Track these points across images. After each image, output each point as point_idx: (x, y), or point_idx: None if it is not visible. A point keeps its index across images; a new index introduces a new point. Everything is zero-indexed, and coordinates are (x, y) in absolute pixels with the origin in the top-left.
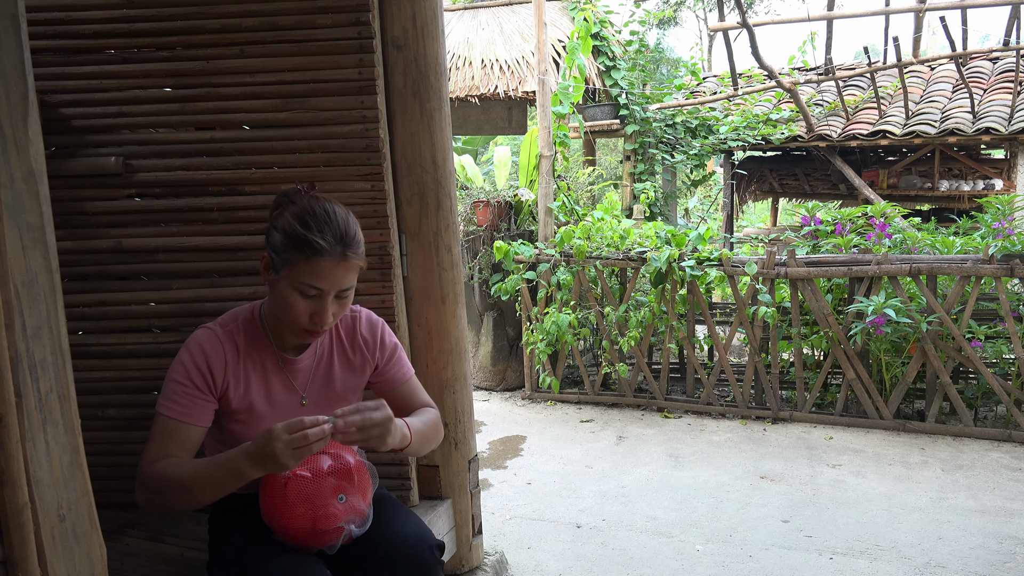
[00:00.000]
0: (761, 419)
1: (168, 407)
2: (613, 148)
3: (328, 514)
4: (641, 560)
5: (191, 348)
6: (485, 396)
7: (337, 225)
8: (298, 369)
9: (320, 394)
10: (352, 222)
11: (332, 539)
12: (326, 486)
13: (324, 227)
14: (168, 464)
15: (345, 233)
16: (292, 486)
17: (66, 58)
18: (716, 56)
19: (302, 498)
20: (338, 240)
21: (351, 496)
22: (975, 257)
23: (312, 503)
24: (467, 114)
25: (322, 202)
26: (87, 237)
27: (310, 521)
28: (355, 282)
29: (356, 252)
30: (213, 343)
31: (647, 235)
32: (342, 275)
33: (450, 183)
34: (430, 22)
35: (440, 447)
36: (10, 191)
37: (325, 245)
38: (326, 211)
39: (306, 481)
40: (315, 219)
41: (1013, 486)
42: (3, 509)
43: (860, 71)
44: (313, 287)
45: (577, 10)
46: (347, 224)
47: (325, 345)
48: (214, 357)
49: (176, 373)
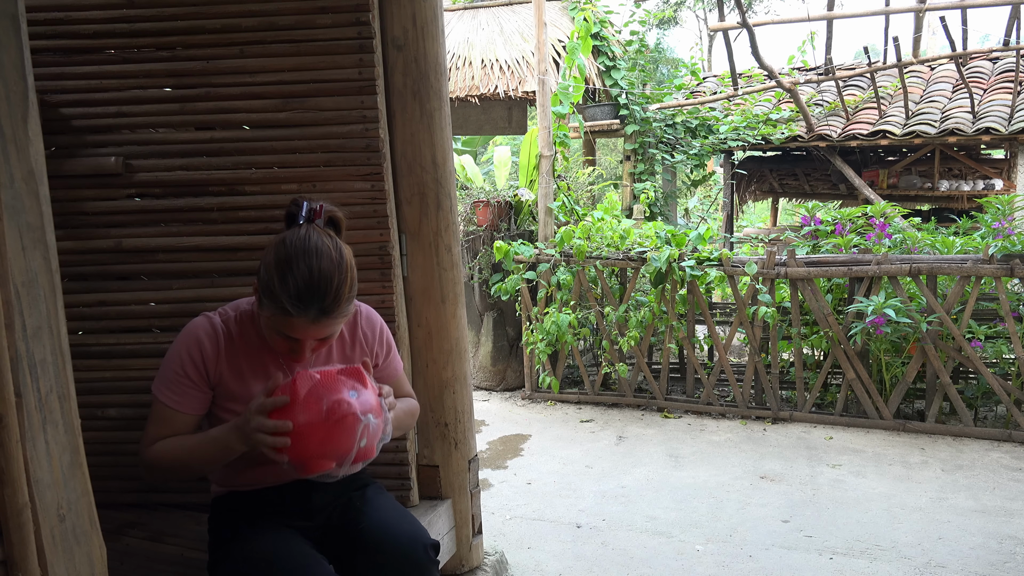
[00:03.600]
0: (761, 419)
1: (163, 392)
2: (613, 148)
3: (341, 401)
4: (641, 560)
5: (187, 337)
6: (485, 396)
7: (318, 288)
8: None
9: None
10: (339, 281)
11: (350, 435)
12: (337, 380)
13: (304, 290)
14: (165, 446)
15: (323, 296)
16: (300, 382)
17: (66, 58)
18: (716, 56)
19: (313, 393)
20: (313, 306)
21: (363, 393)
22: (975, 257)
23: (323, 396)
24: (467, 114)
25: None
26: (87, 237)
27: (322, 413)
28: (339, 328)
29: (334, 314)
30: (209, 333)
31: (647, 235)
32: (317, 331)
33: (450, 183)
34: (430, 22)
35: (440, 447)
36: (10, 191)
37: (298, 310)
38: (309, 269)
39: (314, 378)
40: (293, 276)
41: (1013, 486)
42: (3, 509)
43: (860, 71)
44: (286, 336)
45: (577, 10)
46: (330, 285)
47: None
48: (209, 347)
49: (172, 361)
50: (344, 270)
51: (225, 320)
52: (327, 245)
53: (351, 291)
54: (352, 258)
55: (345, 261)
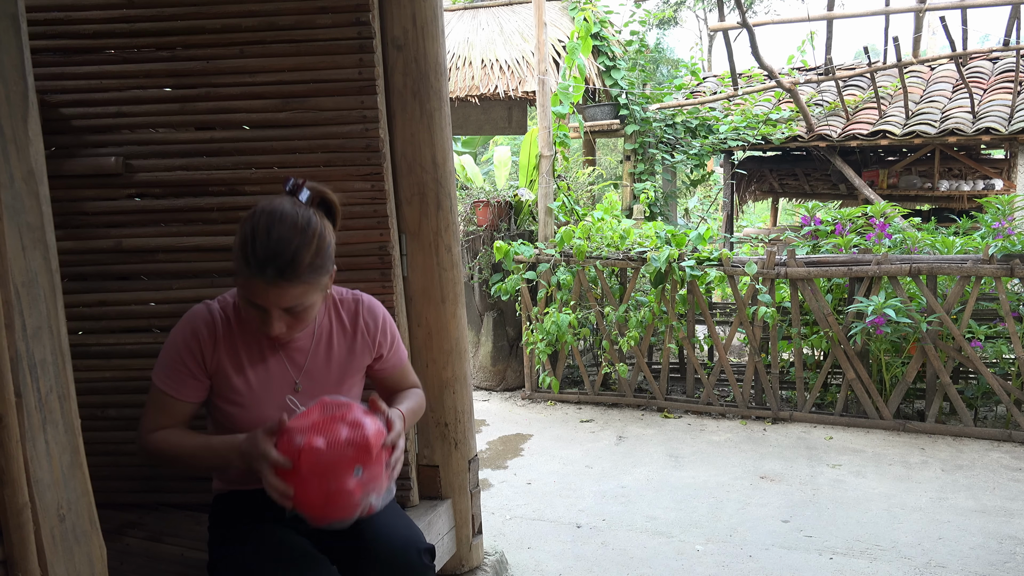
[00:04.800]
0: (761, 419)
1: (161, 379)
2: (613, 148)
3: (342, 490)
4: (641, 560)
5: (185, 326)
6: (485, 396)
7: (274, 246)
8: (294, 349)
9: (316, 375)
10: (299, 244)
11: (347, 515)
12: (342, 458)
13: (259, 247)
14: (165, 438)
15: (281, 256)
16: (305, 458)
17: (66, 58)
18: (716, 56)
19: (315, 472)
20: (269, 264)
21: (369, 467)
22: (975, 257)
23: (326, 477)
24: (467, 114)
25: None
26: (87, 237)
27: (323, 496)
28: (309, 301)
29: (293, 278)
30: (207, 321)
31: (647, 235)
32: (278, 296)
33: (450, 183)
34: (430, 22)
35: (440, 447)
36: (10, 191)
37: (255, 268)
38: (268, 230)
39: (320, 453)
40: (256, 234)
41: (1013, 486)
42: (3, 509)
43: (860, 71)
44: (252, 303)
45: (577, 10)
46: (286, 246)
47: (324, 326)
48: (206, 336)
49: (170, 348)
50: (308, 237)
51: (224, 307)
52: (294, 211)
53: (314, 259)
54: (325, 232)
55: (311, 229)
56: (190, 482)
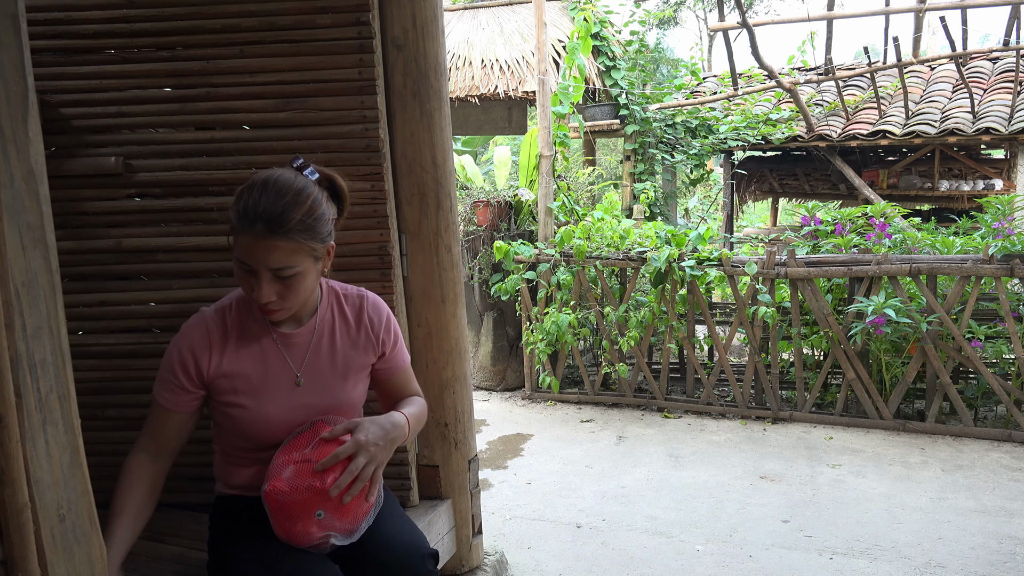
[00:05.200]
0: (761, 419)
1: (159, 392)
2: (613, 148)
3: (301, 532)
4: (641, 560)
5: (179, 338)
6: (485, 396)
7: (266, 200)
8: (295, 344)
9: (319, 371)
10: (291, 201)
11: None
12: (303, 500)
13: (251, 200)
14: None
15: (270, 210)
16: (269, 498)
17: (66, 58)
18: (716, 56)
19: (279, 511)
20: (260, 217)
21: (331, 511)
22: (975, 257)
23: (288, 517)
24: (467, 114)
25: (279, 174)
26: (87, 237)
27: (286, 534)
28: (298, 264)
29: (281, 232)
30: (201, 331)
31: (647, 235)
32: (266, 253)
33: (450, 183)
34: (430, 22)
35: (440, 447)
36: (10, 191)
37: (243, 219)
38: (264, 184)
39: (282, 495)
40: (249, 190)
41: (1013, 486)
42: (3, 509)
43: (860, 71)
44: (242, 262)
45: (577, 10)
46: (277, 200)
47: (327, 320)
48: (200, 347)
49: (166, 361)
50: (301, 197)
51: (221, 311)
52: (292, 176)
53: (305, 218)
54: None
55: (306, 192)
56: (190, 482)
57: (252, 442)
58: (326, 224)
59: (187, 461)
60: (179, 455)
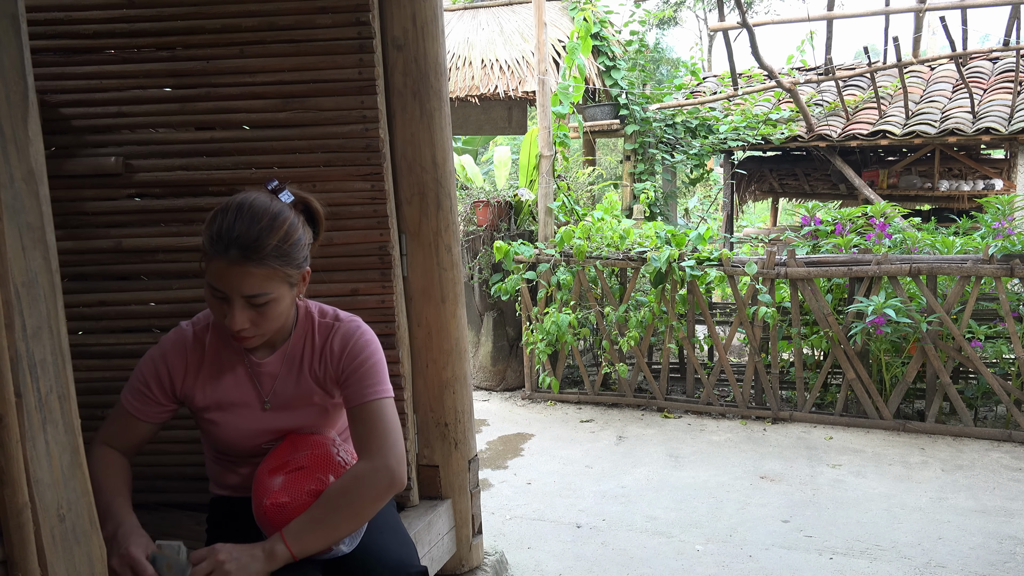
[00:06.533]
0: (761, 419)
1: (127, 398)
2: (613, 148)
3: None
4: (641, 560)
5: (156, 351)
6: (485, 396)
7: (240, 225)
8: (264, 372)
9: (286, 399)
10: (266, 227)
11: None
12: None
13: (224, 225)
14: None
15: (245, 236)
16: (270, 513)
17: (66, 58)
18: (716, 56)
19: (281, 524)
20: (233, 242)
21: None
22: (975, 257)
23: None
24: (467, 114)
25: (254, 198)
26: (87, 237)
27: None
28: (272, 291)
29: (256, 259)
30: (178, 347)
31: (647, 235)
32: (240, 280)
33: (450, 183)
34: (430, 22)
35: (440, 447)
36: (10, 191)
37: (218, 244)
38: (239, 209)
39: (284, 508)
40: (223, 213)
41: (1013, 486)
42: (3, 509)
43: (860, 71)
44: (214, 288)
45: (577, 10)
46: (251, 226)
47: (296, 351)
48: (176, 362)
49: (139, 371)
50: (276, 223)
51: (198, 329)
52: (267, 201)
53: (280, 244)
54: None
55: (281, 218)
56: (190, 482)
57: (224, 451)
58: (302, 249)
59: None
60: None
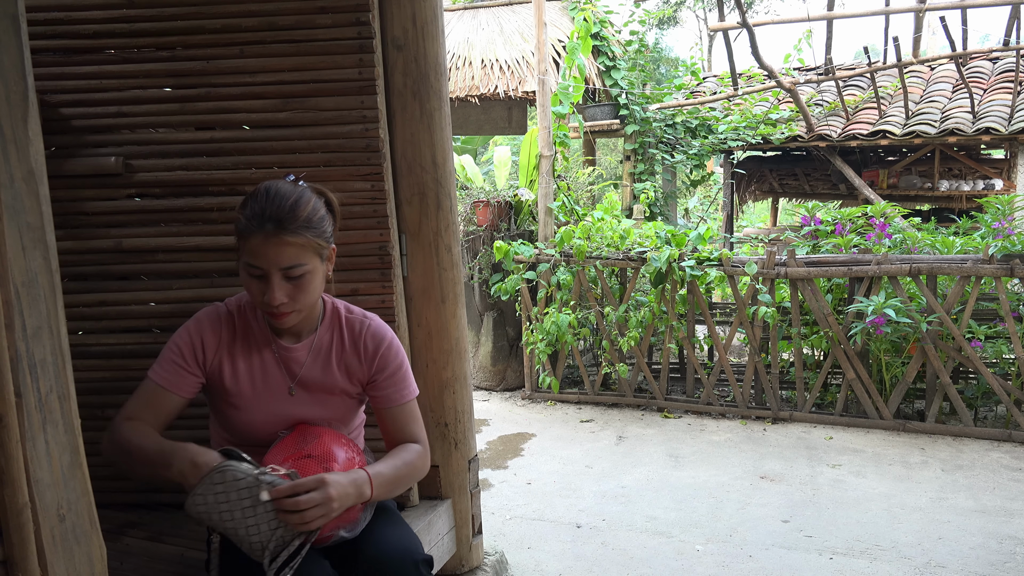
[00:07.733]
0: (761, 419)
1: (156, 371)
2: (613, 148)
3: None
4: (641, 560)
5: (192, 323)
6: (485, 396)
7: (269, 202)
8: (292, 358)
9: (312, 387)
10: (295, 201)
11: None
12: None
13: (255, 204)
14: (139, 431)
15: (277, 210)
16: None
17: (66, 58)
18: (716, 56)
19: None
20: (266, 217)
21: None
22: (975, 257)
23: None
24: (467, 114)
25: (279, 183)
26: (87, 237)
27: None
28: (307, 262)
29: (289, 229)
30: (213, 321)
31: (647, 235)
32: (276, 252)
33: (450, 183)
34: (430, 22)
35: (440, 447)
36: (10, 191)
37: (252, 221)
38: (267, 190)
39: None
40: (252, 197)
41: (1013, 486)
42: (3, 509)
43: (860, 71)
44: (252, 266)
45: (577, 10)
46: (282, 201)
47: (324, 342)
48: (210, 334)
49: (174, 342)
50: (303, 200)
51: (231, 311)
52: (289, 186)
53: (311, 215)
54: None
55: (305, 196)
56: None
57: (240, 439)
58: (328, 225)
59: None
60: None
